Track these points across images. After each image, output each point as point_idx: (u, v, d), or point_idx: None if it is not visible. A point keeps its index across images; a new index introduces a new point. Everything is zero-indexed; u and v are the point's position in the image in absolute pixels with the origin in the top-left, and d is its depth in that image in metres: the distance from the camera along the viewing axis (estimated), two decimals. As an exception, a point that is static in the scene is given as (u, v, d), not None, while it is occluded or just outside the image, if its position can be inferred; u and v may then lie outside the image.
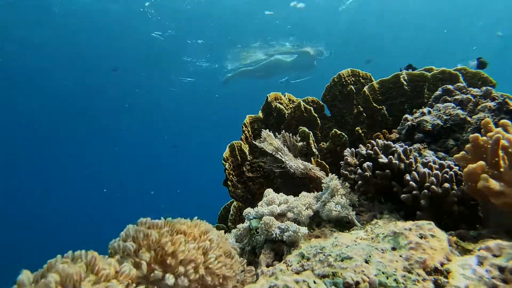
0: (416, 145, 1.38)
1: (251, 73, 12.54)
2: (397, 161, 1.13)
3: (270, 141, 1.53)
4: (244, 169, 1.78)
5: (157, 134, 21.27)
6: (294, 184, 1.55)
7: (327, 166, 1.60)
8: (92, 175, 24.26)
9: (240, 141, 1.82)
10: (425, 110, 1.47)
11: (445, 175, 1.02)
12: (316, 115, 1.84)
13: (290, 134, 1.66)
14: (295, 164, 1.47)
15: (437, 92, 1.54)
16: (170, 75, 13.01)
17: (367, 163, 1.20)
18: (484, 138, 0.92)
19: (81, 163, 22.72)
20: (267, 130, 1.62)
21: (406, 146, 1.17)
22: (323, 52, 11.66)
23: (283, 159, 1.49)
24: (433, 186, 1.00)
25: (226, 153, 1.75)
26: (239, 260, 0.84)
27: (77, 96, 14.05)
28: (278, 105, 1.87)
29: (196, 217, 0.80)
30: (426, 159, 1.13)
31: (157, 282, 0.62)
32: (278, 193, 1.31)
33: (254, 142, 1.67)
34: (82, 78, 12.47)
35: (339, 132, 1.72)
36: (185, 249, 0.65)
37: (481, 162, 0.88)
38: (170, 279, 0.62)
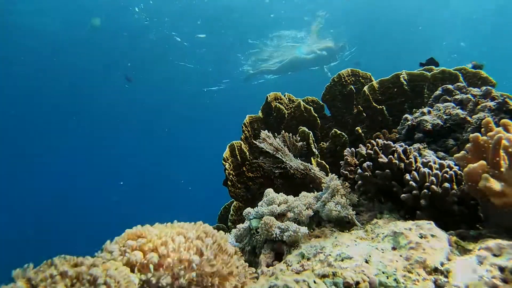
0: (416, 145, 1.38)
1: (272, 72, 12.37)
2: (397, 161, 1.13)
3: (270, 142, 1.53)
4: (244, 169, 1.78)
5: (156, 134, 21.26)
6: (294, 184, 1.55)
7: (327, 166, 1.60)
8: (93, 175, 24.24)
9: (240, 141, 1.82)
10: (425, 110, 1.47)
11: (445, 174, 1.01)
12: (316, 115, 1.84)
13: (290, 134, 1.66)
14: (295, 164, 1.47)
15: (437, 92, 1.54)
16: (178, 75, 12.98)
17: (367, 163, 1.19)
18: (485, 137, 0.92)
19: (83, 163, 22.69)
20: (266, 130, 1.62)
21: (406, 146, 1.16)
22: (345, 47, 11.38)
23: (283, 159, 1.49)
24: (433, 186, 1.00)
25: (226, 153, 1.75)
26: (239, 260, 0.84)
27: (75, 96, 14.06)
28: (278, 105, 1.87)
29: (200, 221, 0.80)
30: (426, 159, 1.13)
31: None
32: (278, 193, 1.31)
33: (254, 142, 1.67)
34: (83, 77, 12.47)
35: (339, 132, 1.72)
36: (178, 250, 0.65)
37: (482, 162, 0.88)
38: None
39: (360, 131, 1.75)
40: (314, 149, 1.64)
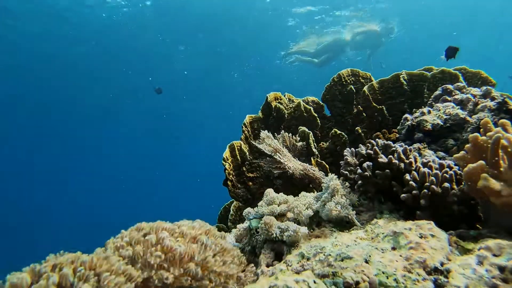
0: (416, 145, 1.38)
1: (310, 60, 11.33)
2: (397, 161, 1.13)
3: (269, 142, 1.52)
4: (244, 169, 1.78)
5: (157, 133, 21.26)
6: (293, 184, 1.55)
7: (327, 166, 1.60)
8: (93, 175, 24.25)
9: (240, 141, 1.82)
10: (425, 109, 1.47)
11: (445, 174, 1.02)
12: (316, 115, 1.84)
13: (290, 134, 1.66)
14: (293, 165, 1.47)
15: (437, 92, 1.54)
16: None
17: (367, 163, 1.19)
18: (484, 137, 0.92)
19: (86, 163, 22.69)
20: (266, 131, 1.62)
21: (406, 146, 1.17)
22: (393, 29, 10.16)
23: (281, 161, 1.49)
24: (433, 186, 1.00)
25: (226, 153, 1.75)
26: (241, 260, 0.84)
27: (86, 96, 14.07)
28: (278, 105, 1.87)
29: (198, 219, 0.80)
30: (426, 159, 1.13)
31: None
32: (278, 194, 1.31)
33: (253, 143, 1.67)
34: (94, 77, 12.42)
35: (339, 132, 1.72)
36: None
37: (481, 162, 0.88)
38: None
39: (360, 131, 1.75)
40: (314, 149, 1.64)
